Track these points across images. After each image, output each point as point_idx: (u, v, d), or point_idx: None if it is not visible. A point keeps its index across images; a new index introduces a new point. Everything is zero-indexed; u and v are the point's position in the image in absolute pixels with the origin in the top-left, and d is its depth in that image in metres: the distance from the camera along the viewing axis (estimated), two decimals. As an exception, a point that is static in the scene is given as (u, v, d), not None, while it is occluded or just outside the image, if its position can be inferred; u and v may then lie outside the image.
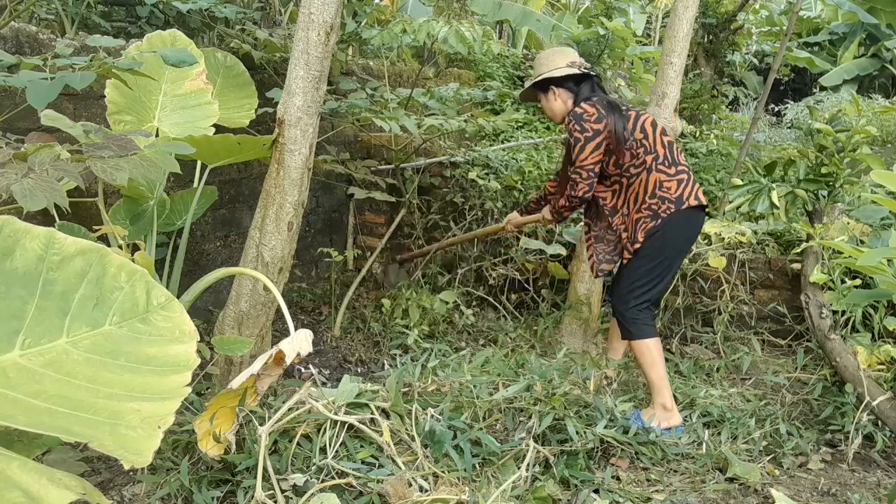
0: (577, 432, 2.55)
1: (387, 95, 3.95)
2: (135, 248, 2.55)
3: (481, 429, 2.51)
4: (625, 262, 2.98)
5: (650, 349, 2.91)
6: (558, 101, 3.06)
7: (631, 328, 2.94)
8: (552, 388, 2.82)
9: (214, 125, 2.92)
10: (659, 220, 2.87)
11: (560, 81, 3.03)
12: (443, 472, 2.27)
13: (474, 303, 4.32)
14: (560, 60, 3.04)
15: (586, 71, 3.02)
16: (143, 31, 3.72)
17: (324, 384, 2.95)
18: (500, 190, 4.38)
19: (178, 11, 3.81)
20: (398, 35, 3.78)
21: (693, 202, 2.89)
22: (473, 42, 3.72)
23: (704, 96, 5.99)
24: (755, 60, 9.83)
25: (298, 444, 2.27)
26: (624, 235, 2.97)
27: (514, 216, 3.59)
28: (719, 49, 6.17)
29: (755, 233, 4.20)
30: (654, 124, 2.97)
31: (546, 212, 3.31)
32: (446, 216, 4.50)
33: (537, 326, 3.92)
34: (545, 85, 3.06)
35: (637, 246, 2.90)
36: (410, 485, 2.14)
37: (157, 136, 2.78)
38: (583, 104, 2.93)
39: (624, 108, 2.98)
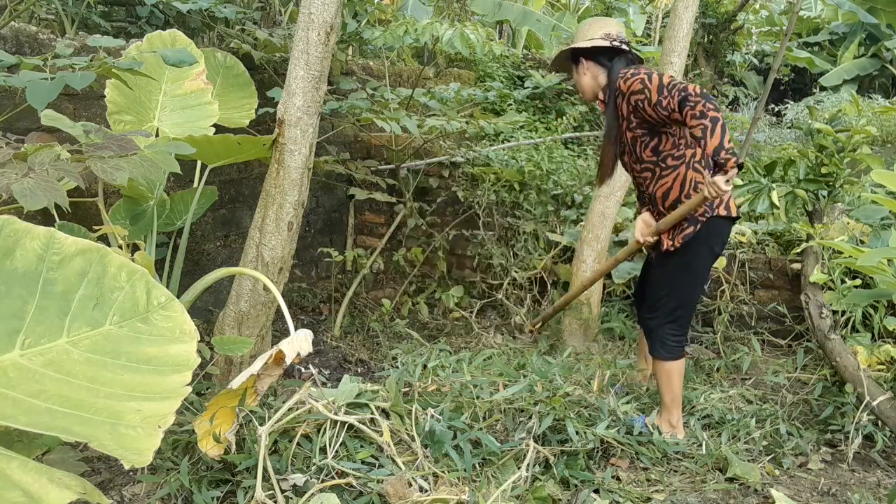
0: (576, 432, 2.55)
1: (387, 95, 3.94)
2: (135, 248, 2.56)
3: (481, 429, 2.51)
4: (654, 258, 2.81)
5: (671, 372, 2.79)
6: (587, 76, 2.81)
7: (658, 346, 2.81)
8: (553, 388, 2.82)
9: (214, 125, 2.92)
10: (698, 226, 2.66)
11: (590, 53, 2.77)
12: (443, 472, 2.27)
13: (482, 304, 4.32)
14: (595, 31, 2.77)
15: (618, 45, 2.74)
16: (143, 31, 3.72)
17: (324, 384, 2.95)
18: (500, 189, 4.37)
19: (178, 11, 3.81)
20: (401, 36, 3.77)
21: (722, 212, 2.67)
22: (476, 44, 3.70)
23: (704, 96, 5.97)
24: (755, 60, 9.82)
25: (298, 444, 2.27)
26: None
27: (647, 222, 2.83)
28: (719, 49, 6.17)
29: (755, 233, 4.20)
30: None
31: (712, 177, 2.42)
32: (446, 216, 4.50)
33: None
34: (576, 56, 2.82)
35: (672, 249, 2.72)
36: (410, 485, 2.14)
37: (157, 136, 2.79)
38: (632, 69, 2.66)
39: None
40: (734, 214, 2.70)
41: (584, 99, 2.94)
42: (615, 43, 2.75)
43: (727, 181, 2.41)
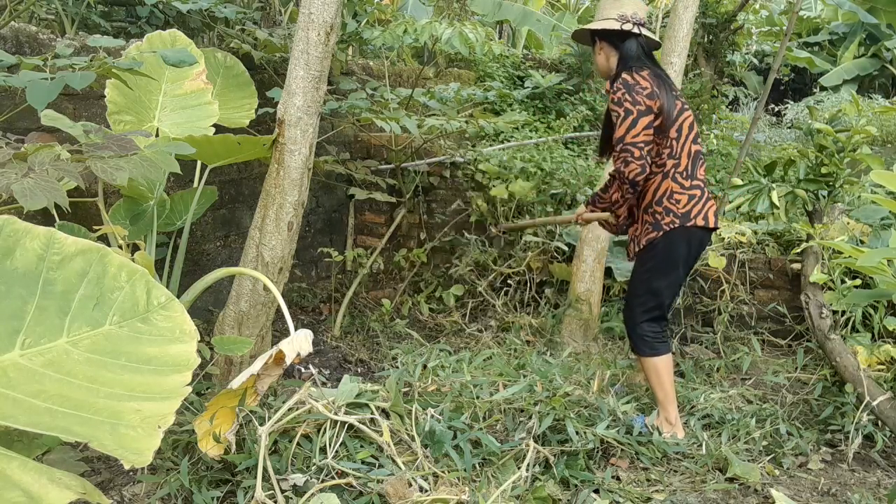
0: (576, 432, 2.55)
1: (387, 95, 3.94)
2: (135, 248, 2.55)
3: (481, 429, 2.51)
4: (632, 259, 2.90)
5: (657, 367, 2.79)
6: (601, 56, 2.84)
7: (639, 343, 2.82)
8: (553, 388, 2.82)
9: (214, 125, 2.92)
10: (661, 233, 2.71)
11: (603, 34, 2.79)
12: (443, 472, 2.27)
13: (479, 304, 4.32)
14: (612, 10, 2.78)
15: (630, 28, 2.73)
16: (143, 31, 3.72)
17: (324, 384, 2.95)
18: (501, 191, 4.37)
19: (178, 11, 3.81)
20: (400, 36, 3.78)
21: (700, 222, 2.70)
22: (476, 43, 3.70)
23: (704, 96, 5.98)
24: (755, 60, 9.82)
25: (298, 444, 2.27)
26: (632, 229, 2.88)
27: (583, 210, 3.18)
28: (719, 49, 6.17)
29: (755, 233, 4.19)
30: (691, 126, 2.75)
31: (609, 215, 2.97)
32: (447, 216, 4.50)
33: (538, 325, 3.92)
34: (594, 34, 2.84)
35: (638, 249, 2.82)
36: (410, 485, 2.14)
37: (157, 136, 2.78)
38: (635, 74, 2.68)
39: (675, 91, 2.76)
40: (711, 225, 2.75)
41: (600, 76, 3.01)
42: (626, 26, 2.74)
43: (590, 221, 3.11)
